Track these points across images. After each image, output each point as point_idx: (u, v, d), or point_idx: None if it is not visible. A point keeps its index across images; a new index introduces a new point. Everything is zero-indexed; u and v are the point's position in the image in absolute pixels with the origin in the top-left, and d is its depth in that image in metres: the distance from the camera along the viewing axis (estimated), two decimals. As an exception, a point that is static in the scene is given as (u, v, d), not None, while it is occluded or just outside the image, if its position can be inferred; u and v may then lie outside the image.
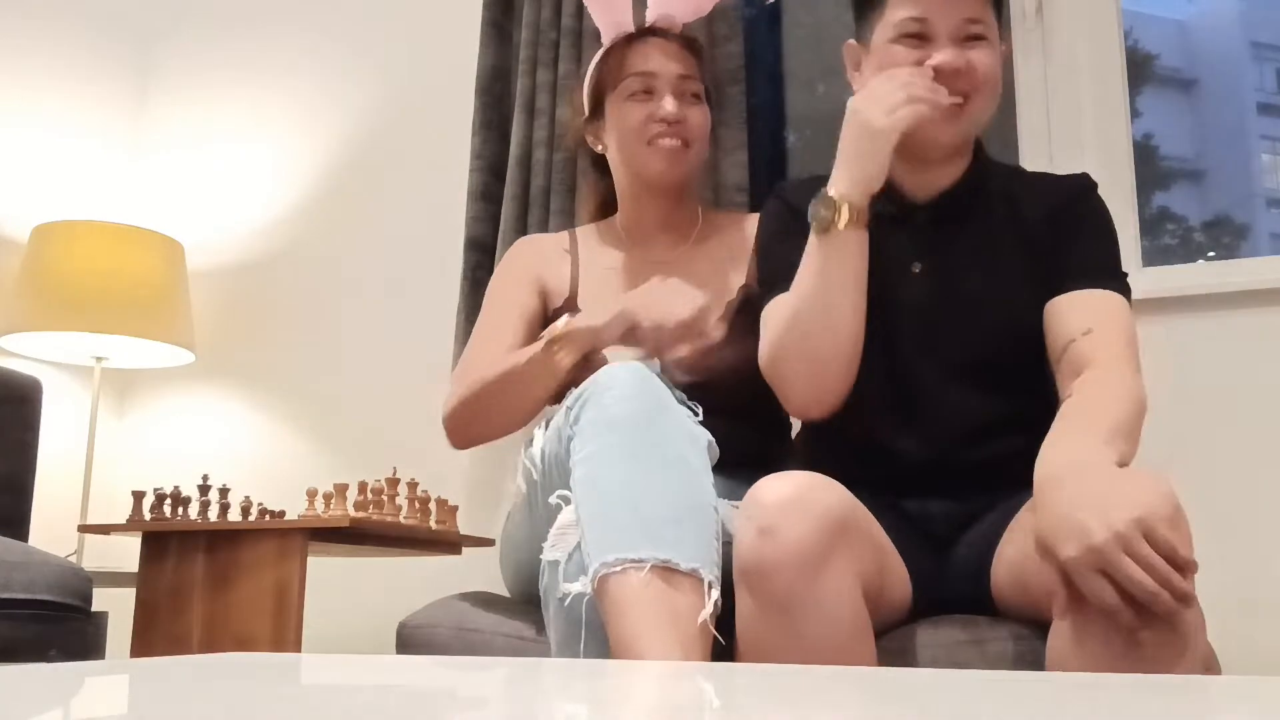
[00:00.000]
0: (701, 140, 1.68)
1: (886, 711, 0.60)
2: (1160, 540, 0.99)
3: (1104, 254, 1.38)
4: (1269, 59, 6.16)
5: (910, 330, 1.39)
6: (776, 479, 1.16)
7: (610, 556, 1.13)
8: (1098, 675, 0.96)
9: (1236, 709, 0.64)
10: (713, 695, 0.70)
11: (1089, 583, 1.00)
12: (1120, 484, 1.04)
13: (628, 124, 1.65)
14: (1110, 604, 1.00)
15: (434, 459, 2.38)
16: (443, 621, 1.46)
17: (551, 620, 1.26)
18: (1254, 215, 4.69)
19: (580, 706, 0.64)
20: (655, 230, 1.72)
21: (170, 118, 2.98)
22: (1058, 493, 1.06)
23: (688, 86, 1.66)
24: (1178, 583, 0.98)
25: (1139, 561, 0.98)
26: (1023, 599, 1.24)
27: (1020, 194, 1.45)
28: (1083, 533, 1.00)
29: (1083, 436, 1.15)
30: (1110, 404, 1.20)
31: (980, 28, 1.39)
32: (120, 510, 2.07)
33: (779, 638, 1.11)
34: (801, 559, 1.10)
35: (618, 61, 1.67)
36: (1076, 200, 1.42)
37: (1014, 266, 1.40)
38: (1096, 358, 1.26)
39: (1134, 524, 0.99)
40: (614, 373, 1.28)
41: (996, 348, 1.39)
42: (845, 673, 0.84)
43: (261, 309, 2.79)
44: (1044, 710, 0.60)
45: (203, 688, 0.68)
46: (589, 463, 1.22)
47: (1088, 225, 1.40)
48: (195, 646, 1.90)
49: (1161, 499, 1.02)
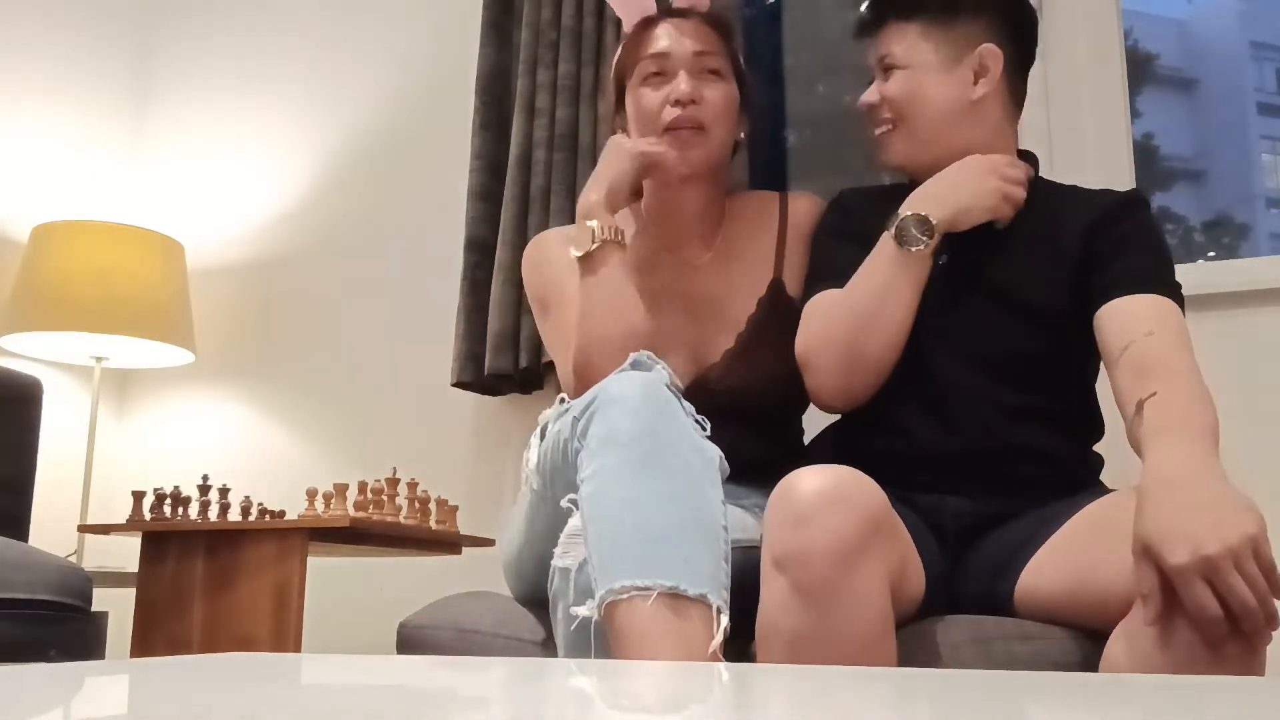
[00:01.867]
0: (722, 120, 1.56)
1: (906, 713, 0.60)
2: (1265, 560, 1.01)
3: (1160, 265, 1.40)
4: (1269, 59, 6.16)
5: (930, 319, 1.42)
6: (812, 471, 1.15)
7: (616, 584, 1.11)
8: (1114, 676, 0.97)
9: (1243, 709, 0.64)
10: (718, 693, 0.70)
11: (1193, 589, 1.01)
12: (1229, 497, 1.06)
13: (641, 109, 1.56)
14: (1213, 614, 1.01)
15: (434, 459, 2.39)
16: (442, 622, 1.45)
17: (560, 629, 1.25)
18: (1254, 215, 4.69)
19: (580, 706, 0.64)
20: (682, 225, 1.62)
21: (170, 118, 2.98)
22: (1170, 498, 1.07)
23: (705, 63, 1.55)
24: (1272, 604, 1.01)
25: (1244, 576, 1.00)
26: (1071, 601, 1.23)
27: (1061, 203, 1.49)
28: (1196, 542, 1.01)
29: (1190, 443, 1.14)
30: (1201, 409, 1.21)
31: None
32: (120, 510, 2.08)
33: (807, 628, 1.11)
34: (839, 550, 1.10)
35: (634, 46, 1.59)
36: (1128, 211, 1.45)
37: (1041, 263, 1.43)
38: (1165, 358, 1.27)
39: (1247, 541, 1.01)
40: (622, 384, 1.24)
41: (1016, 340, 1.42)
42: (869, 673, 0.84)
43: (261, 309, 2.80)
44: (1072, 711, 0.60)
45: (203, 688, 0.68)
46: (595, 480, 1.19)
47: (1142, 238, 1.42)
48: (195, 646, 1.90)
49: (1260, 515, 1.04)
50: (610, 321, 1.44)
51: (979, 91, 1.47)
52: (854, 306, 1.41)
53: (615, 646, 1.11)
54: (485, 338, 2.33)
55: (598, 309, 1.45)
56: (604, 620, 1.12)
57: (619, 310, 1.44)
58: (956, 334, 1.43)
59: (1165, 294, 1.35)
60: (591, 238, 1.46)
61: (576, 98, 2.35)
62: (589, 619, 1.15)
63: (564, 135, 2.33)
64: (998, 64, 1.48)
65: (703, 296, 1.59)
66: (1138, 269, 1.38)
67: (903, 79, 1.48)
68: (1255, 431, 1.96)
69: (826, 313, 1.44)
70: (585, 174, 2.27)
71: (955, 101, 1.47)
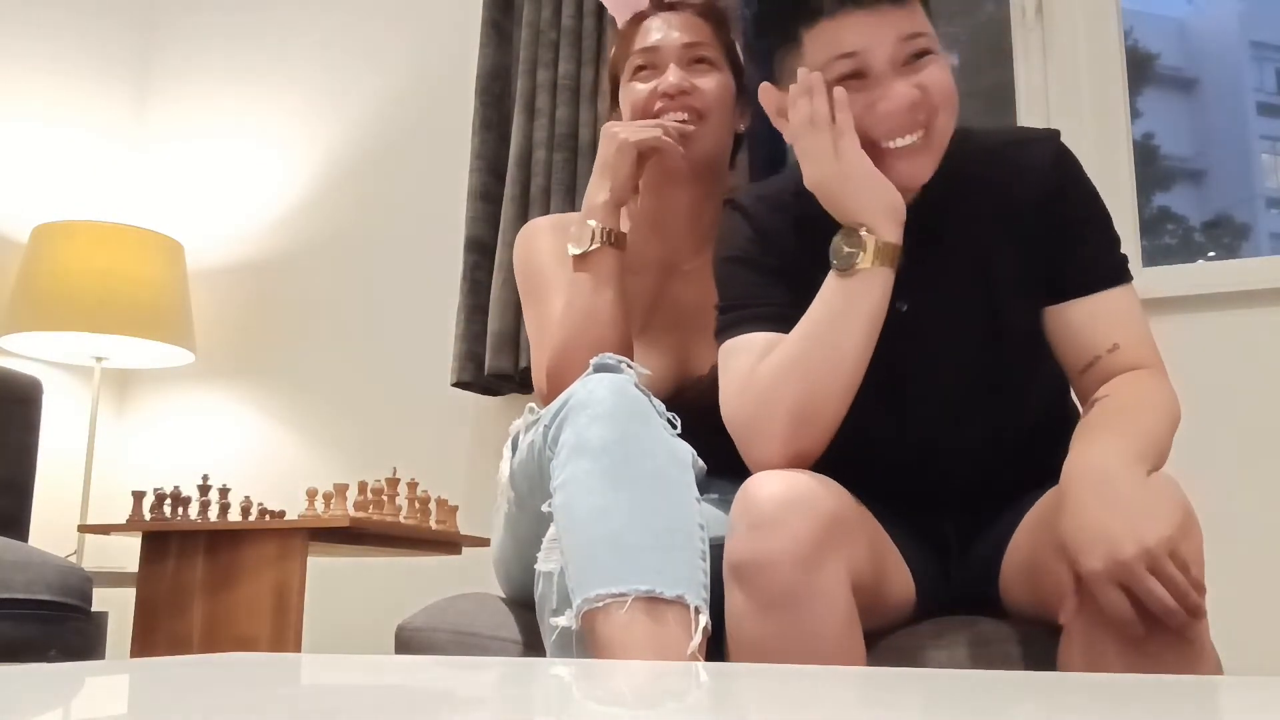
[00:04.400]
0: (718, 110, 1.50)
1: (890, 713, 0.60)
2: (1181, 557, 0.99)
3: (1105, 245, 1.28)
4: (1269, 59, 6.16)
5: (902, 355, 1.29)
6: (770, 476, 1.14)
7: (592, 592, 1.10)
8: (1100, 675, 0.96)
9: (1239, 708, 0.64)
10: (711, 694, 0.70)
11: (1106, 595, 1.00)
12: (1148, 497, 1.03)
13: (632, 103, 1.52)
14: (1125, 616, 1.00)
15: (434, 459, 2.39)
16: (440, 625, 1.45)
17: (546, 633, 1.25)
18: (1254, 215, 4.69)
19: (580, 706, 0.64)
20: (674, 227, 1.57)
21: (171, 118, 2.99)
22: (1086, 499, 1.05)
23: (696, 53, 1.51)
24: (1193, 599, 0.99)
25: (1161, 578, 0.99)
26: (1032, 597, 1.23)
27: (996, 176, 1.31)
28: (1110, 546, 1.00)
29: (1116, 441, 1.12)
30: (1145, 412, 1.17)
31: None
32: (120, 510, 2.08)
33: (770, 634, 1.11)
34: (796, 555, 1.10)
35: (625, 42, 1.56)
36: (1063, 183, 1.28)
37: (1006, 268, 1.29)
38: (1128, 370, 1.23)
39: (1163, 542, 0.99)
40: (590, 388, 1.22)
41: (990, 362, 1.31)
42: (852, 673, 0.84)
43: (261, 309, 2.80)
44: (1043, 710, 0.60)
45: (203, 688, 0.68)
46: (566, 490, 1.18)
47: (1081, 214, 1.29)
48: (195, 646, 1.90)
49: (1184, 512, 1.02)
50: (598, 327, 1.41)
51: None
52: (803, 350, 1.20)
53: (595, 655, 1.11)
54: (485, 338, 2.33)
55: (586, 312, 1.43)
56: (584, 629, 1.12)
57: (612, 316, 1.42)
58: (929, 365, 1.31)
59: (1119, 282, 1.26)
60: (591, 238, 1.45)
61: (576, 98, 2.35)
62: (569, 629, 1.14)
63: (564, 135, 2.33)
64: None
65: (687, 304, 1.55)
66: (1088, 259, 1.26)
67: (941, 68, 1.22)
68: (1255, 431, 1.97)
69: (761, 366, 1.22)
70: (585, 174, 2.27)
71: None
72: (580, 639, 1.14)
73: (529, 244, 1.60)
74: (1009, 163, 1.31)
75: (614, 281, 1.44)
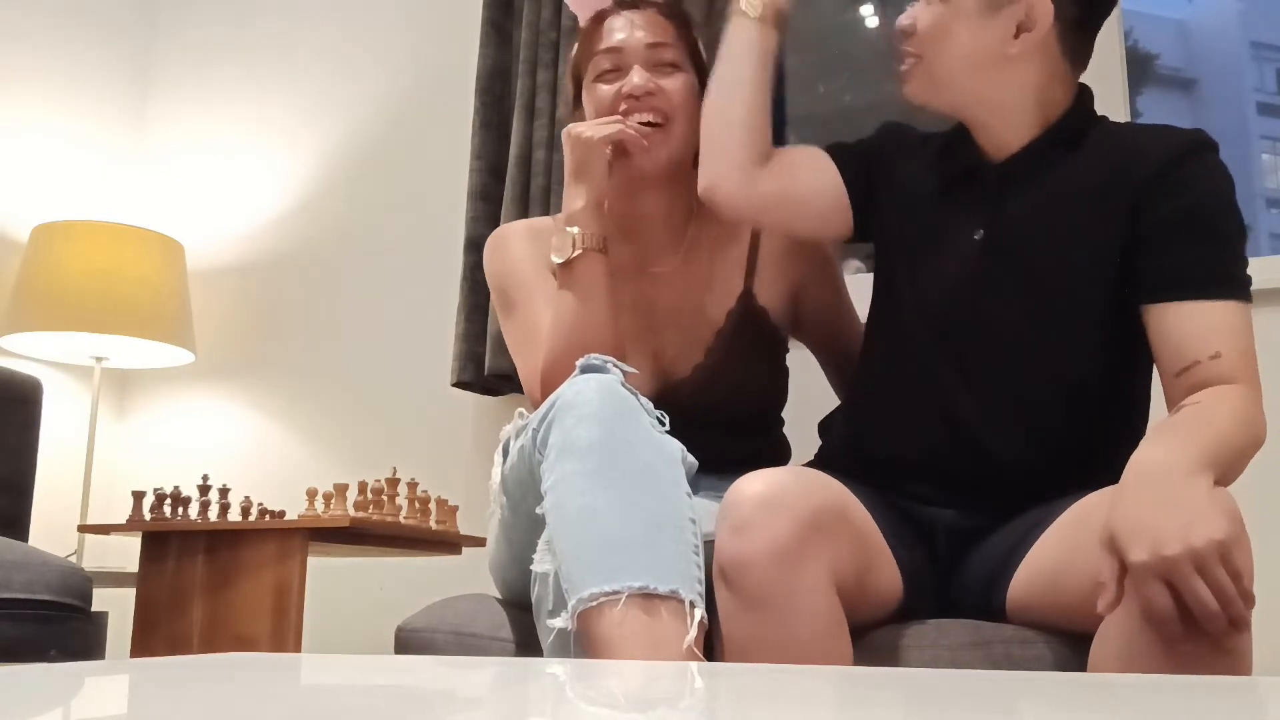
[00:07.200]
0: (683, 112, 1.49)
1: (884, 713, 0.60)
2: (1234, 565, 0.99)
3: (1223, 256, 1.25)
4: (1269, 59, 6.16)
5: (962, 300, 1.33)
6: (753, 476, 1.16)
7: (585, 592, 1.11)
8: (1100, 676, 0.96)
9: (1247, 708, 0.64)
10: (708, 694, 0.70)
11: (1147, 587, 0.99)
12: (1204, 503, 1.02)
13: (596, 106, 1.51)
14: (1164, 613, 0.99)
15: (434, 459, 2.39)
16: (440, 625, 1.45)
17: (543, 634, 1.25)
18: (1254, 215, 4.69)
19: (579, 706, 0.64)
20: (647, 229, 1.56)
21: (171, 118, 2.98)
22: (1142, 493, 1.04)
23: (660, 55, 1.50)
24: (1238, 608, 0.98)
25: (1207, 580, 0.98)
26: (1052, 602, 1.21)
27: (1115, 150, 1.31)
28: (1159, 540, 0.99)
29: (1186, 445, 1.10)
30: (1226, 424, 1.15)
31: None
32: (120, 510, 2.08)
33: (755, 634, 1.12)
34: (773, 556, 1.10)
35: (588, 42, 1.54)
36: (1185, 179, 1.26)
37: (1082, 231, 1.29)
38: (1224, 383, 1.19)
39: (1214, 545, 0.98)
40: (577, 389, 1.22)
41: (1048, 322, 1.30)
42: (838, 672, 0.84)
43: (261, 309, 2.80)
44: (1043, 710, 0.60)
45: (203, 688, 0.68)
46: (556, 491, 1.18)
47: (1199, 215, 1.25)
48: (195, 646, 1.90)
49: (1237, 525, 1.01)
50: (589, 332, 1.41)
51: (1016, 48, 1.29)
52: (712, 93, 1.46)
53: (592, 654, 1.11)
54: (485, 338, 2.33)
55: (576, 318, 1.42)
56: (580, 629, 1.12)
57: (602, 321, 1.42)
58: (974, 335, 1.32)
59: (1234, 297, 1.22)
60: (573, 245, 1.43)
61: (576, 98, 2.35)
62: (565, 630, 1.14)
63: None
64: (1046, 20, 1.28)
65: (666, 306, 1.54)
66: (1205, 260, 1.24)
67: (935, 12, 1.32)
68: (1255, 432, 1.96)
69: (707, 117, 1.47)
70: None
71: (983, 51, 1.30)
72: (577, 639, 1.14)
73: (503, 252, 1.58)
74: (1133, 144, 1.32)
75: (601, 286, 1.44)
